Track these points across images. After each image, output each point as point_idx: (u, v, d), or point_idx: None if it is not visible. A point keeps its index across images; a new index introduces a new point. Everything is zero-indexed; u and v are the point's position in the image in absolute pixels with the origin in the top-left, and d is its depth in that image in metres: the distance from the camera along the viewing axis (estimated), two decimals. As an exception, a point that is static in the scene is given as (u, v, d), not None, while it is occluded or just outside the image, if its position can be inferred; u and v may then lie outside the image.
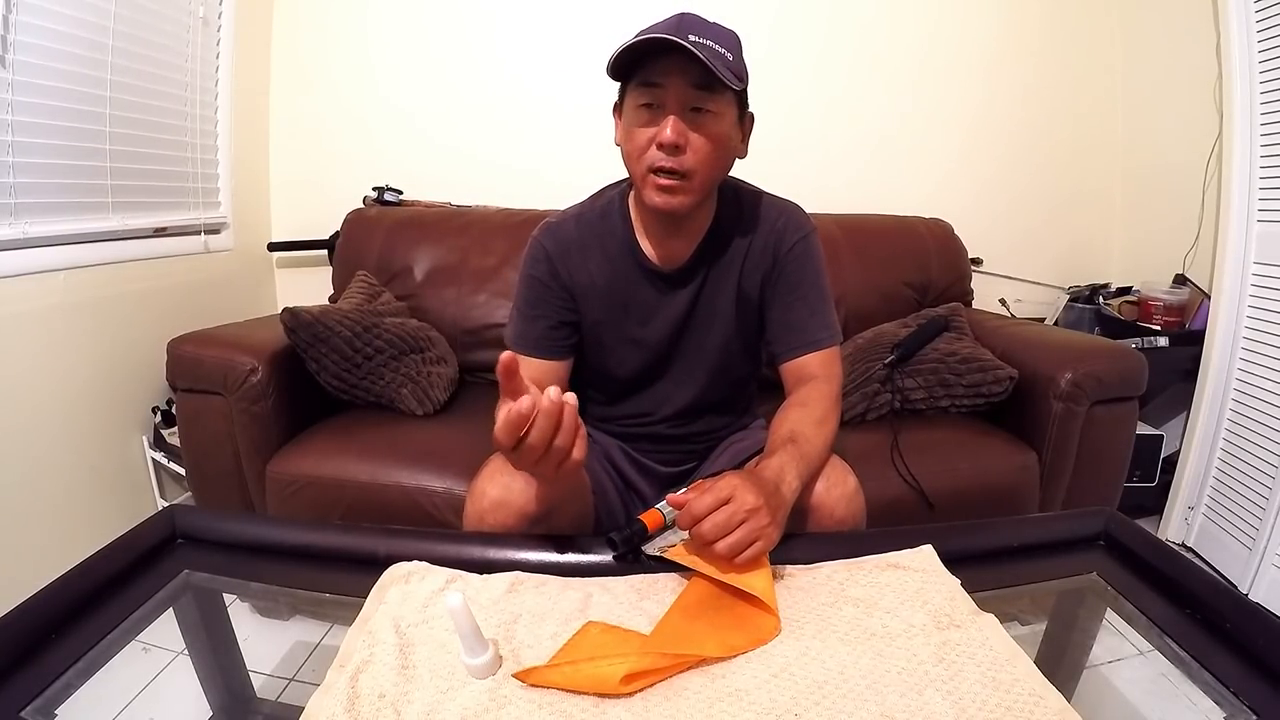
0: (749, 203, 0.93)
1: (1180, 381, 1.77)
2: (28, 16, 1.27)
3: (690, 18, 0.76)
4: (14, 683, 0.54)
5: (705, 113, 0.77)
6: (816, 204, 1.89)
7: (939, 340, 1.51)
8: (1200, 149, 1.73)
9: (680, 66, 0.74)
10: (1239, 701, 0.55)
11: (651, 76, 0.76)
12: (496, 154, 2.05)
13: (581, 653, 0.55)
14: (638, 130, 0.79)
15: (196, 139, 1.77)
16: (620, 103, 0.84)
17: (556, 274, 0.91)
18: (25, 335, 1.31)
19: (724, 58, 0.75)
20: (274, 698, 0.84)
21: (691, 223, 0.89)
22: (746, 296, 0.93)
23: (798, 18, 2.03)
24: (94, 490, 1.47)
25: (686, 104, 0.76)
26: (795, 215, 0.93)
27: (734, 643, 0.57)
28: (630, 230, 0.91)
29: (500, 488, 0.77)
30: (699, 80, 0.74)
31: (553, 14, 2.00)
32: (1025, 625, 0.77)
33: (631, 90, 0.80)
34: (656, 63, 0.75)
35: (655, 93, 0.77)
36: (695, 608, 0.62)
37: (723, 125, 0.79)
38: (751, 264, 0.91)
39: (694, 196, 0.81)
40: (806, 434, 0.79)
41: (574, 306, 0.92)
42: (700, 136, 0.77)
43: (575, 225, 0.93)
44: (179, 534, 0.76)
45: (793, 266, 0.90)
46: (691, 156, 0.77)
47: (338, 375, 1.37)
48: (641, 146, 0.79)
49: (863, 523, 0.83)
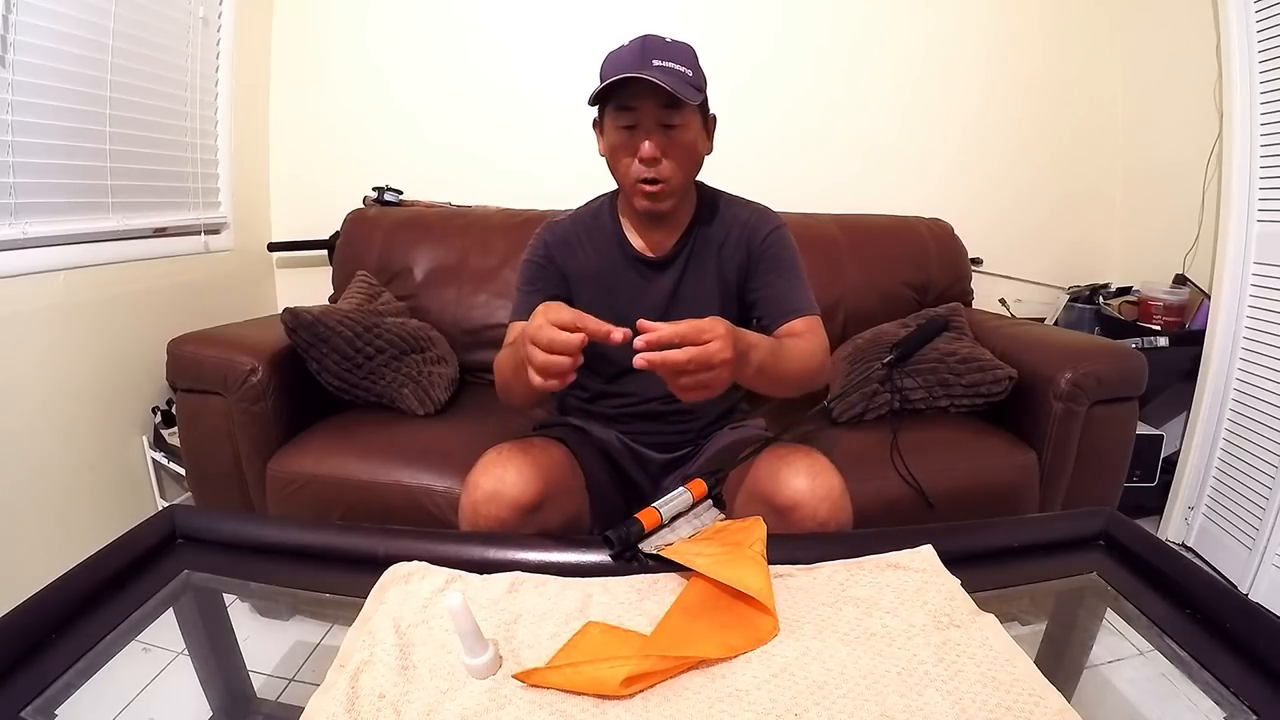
0: (725, 204, 1.06)
1: (1180, 381, 1.77)
2: (28, 16, 1.27)
3: (651, 41, 0.87)
4: (14, 683, 0.54)
5: (675, 127, 0.89)
6: (816, 204, 1.92)
7: (938, 340, 1.51)
8: (1200, 149, 1.73)
9: (649, 90, 0.85)
10: (1239, 701, 0.55)
11: (625, 101, 0.88)
12: (496, 154, 2.05)
13: (581, 654, 0.55)
14: (621, 148, 0.92)
15: (196, 139, 1.77)
16: (600, 121, 0.96)
17: (553, 259, 1.03)
18: (25, 335, 1.31)
19: (684, 76, 0.87)
20: (274, 698, 0.84)
21: (673, 217, 1.01)
22: (725, 281, 1.03)
23: (799, 19, 2.03)
24: (94, 490, 1.47)
25: (658, 122, 0.88)
26: (765, 213, 1.06)
27: (733, 643, 0.57)
28: (619, 226, 1.03)
29: (494, 480, 0.80)
30: (666, 102, 0.86)
31: (553, 14, 2.00)
32: (1025, 625, 0.77)
33: (610, 113, 0.92)
34: (628, 89, 0.86)
35: (631, 115, 0.89)
36: (695, 608, 0.62)
37: (690, 134, 0.91)
38: (728, 253, 1.02)
39: (674, 197, 0.95)
40: (788, 343, 0.90)
41: (568, 289, 1.03)
42: (673, 147, 0.90)
43: (571, 223, 1.05)
44: (179, 534, 0.76)
45: (770, 253, 1.01)
46: (668, 165, 0.90)
47: (338, 375, 1.37)
48: (625, 163, 0.92)
49: (847, 525, 0.82)
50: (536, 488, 0.80)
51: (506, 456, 0.82)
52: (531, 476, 0.80)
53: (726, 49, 2.03)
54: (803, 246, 1.06)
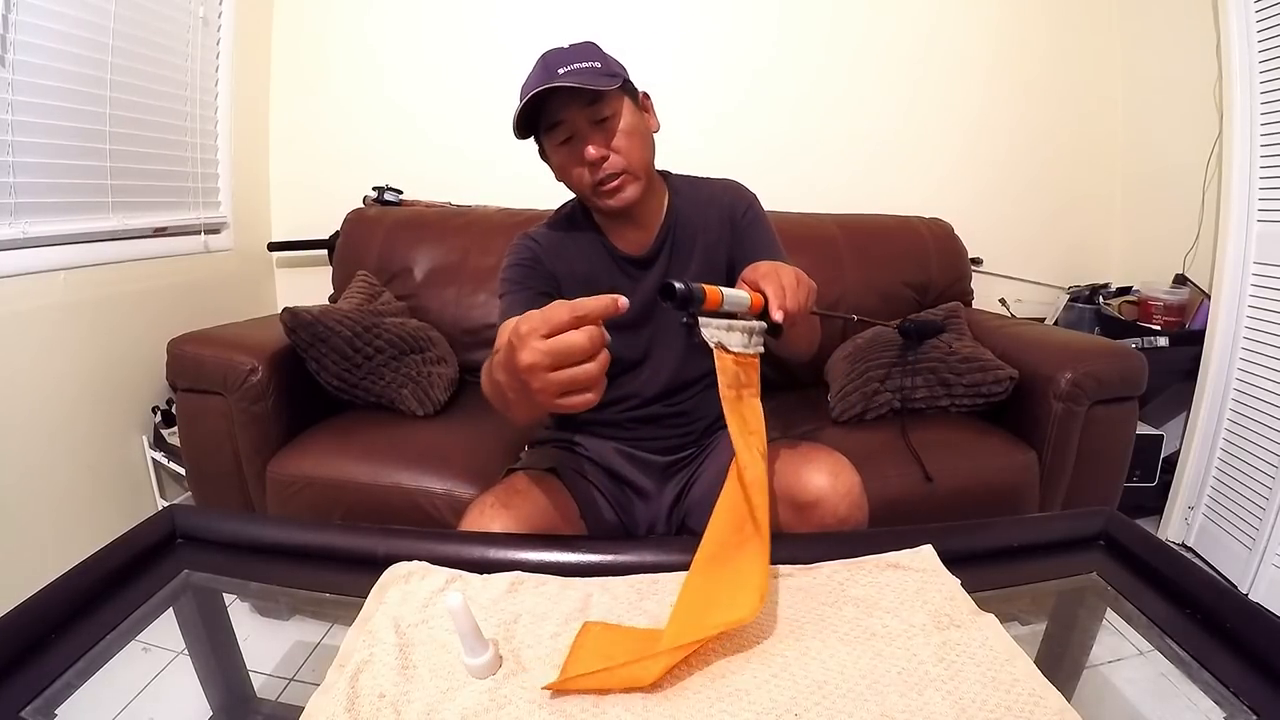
0: (694, 187, 1.06)
1: (1180, 381, 1.77)
2: (28, 16, 1.27)
3: (551, 55, 0.89)
4: (14, 683, 0.54)
5: (606, 120, 0.89)
6: (816, 204, 1.92)
7: (939, 339, 1.51)
8: (1200, 149, 1.73)
9: (566, 97, 0.86)
10: (1239, 701, 0.55)
11: (551, 118, 0.89)
12: (497, 154, 2.05)
13: (591, 653, 0.55)
14: (567, 163, 0.92)
15: (196, 139, 1.77)
16: (541, 150, 0.97)
17: (541, 260, 1.00)
18: (25, 335, 1.31)
19: (594, 70, 0.87)
20: (274, 698, 0.84)
21: (647, 213, 1.00)
22: (713, 264, 1.01)
23: (800, 20, 2.03)
24: (94, 490, 1.47)
25: (589, 121, 0.89)
26: (737, 187, 1.07)
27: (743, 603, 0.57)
28: (597, 229, 1.02)
29: (497, 524, 0.80)
30: (588, 100, 0.87)
31: (552, 14, 2.00)
32: (1025, 625, 0.76)
33: (545, 136, 0.93)
34: (548, 105, 0.87)
35: (563, 129, 0.89)
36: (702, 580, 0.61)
37: (626, 119, 0.90)
38: (711, 236, 1.02)
39: (637, 184, 0.92)
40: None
41: (559, 289, 1.00)
42: (614, 137, 0.90)
43: (549, 229, 1.05)
44: (179, 534, 0.76)
45: (750, 229, 1.02)
46: (616, 158, 0.90)
47: (338, 375, 1.37)
48: (577, 175, 0.92)
49: (865, 522, 0.85)
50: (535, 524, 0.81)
51: (490, 515, 0.81)
52: (529, 507, 0.83)
53: (729, 51, 2.04)
54: (803, 246, 1.07)
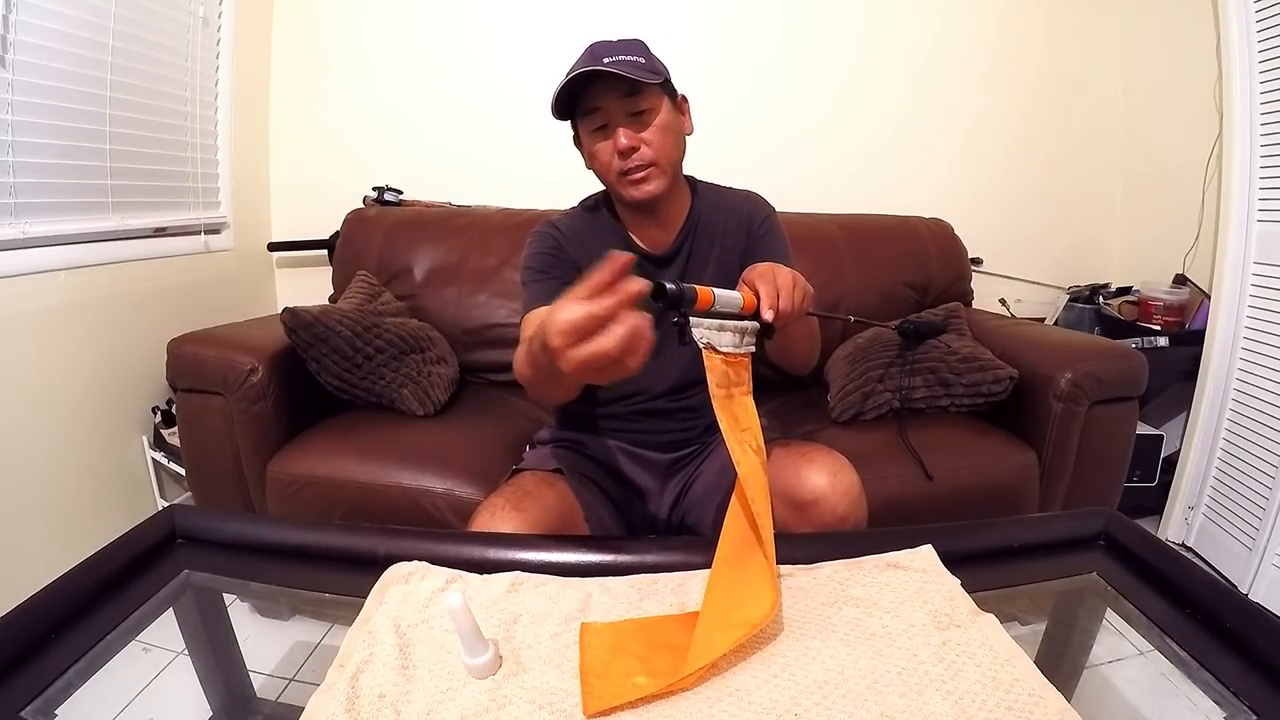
0: (717, 194, 1.08)
1: (1180, 381, 1.77)
2: (28, 16, 1.27)
3: (598, 46, 0.89)
4: (14, 683, 0.54)
5: (643, 112, 0.90)
6: (816, 204, 1.92)
7: (938, 339, 1.51)
8: (1200, 149, 1.73)
9: (608, 84, 0.87)
10: (1239, 701, 0.55)
11: (589, 104, 0.90)
12: (496, 154, 2.05)
13: (604, 655, 0.55)
14: (598, 149, 0.93)
15: (196, 139, 1.77)
16: (576, 135, 0.98)
17: (564, 250, 1.02)
18: (25, 335, 1.31)
19: (637, 64, 0.87)
20: (274, 698, 0.84)
21: (669, 212, 1.01)
22: (728, 269, 1.01)
23: (800, 19, 2.03)
24: (94, 490, 1.47)
25: (626, 112, 0.90)
26: (757, 198, 1.09)
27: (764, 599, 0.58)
28: (620, 223, 1.04)
29: (507, 525, 0.80)
30: (627, 90, 0.88)
31: (552, 14, 2.01)
32: (1025, 625, 0.76)
33: (580, 121, 0.94)
34: (588, 91, 0.88)
35: (599, 115, 0.90)
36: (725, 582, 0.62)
37: (661, 115, 0.92)
38: (730, 241, 1.04)
39: (664, 179, 0.93)
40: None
41: (580, 277, 0.97)
42: (647, 130, 0.91)
43: (572, 218, 1.06)
44: (179, 534, 0.76)
45: (764, 239, 1.04)
46: (647, 149, 0.91)
47: (338, 375, 1.37)
48: (606, 161, 0.93)
49: (864, 521, 0.85)
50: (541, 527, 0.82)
51: (501, 517, 0.82)
52: (536, 512, 0.83)
53: (729, 50, 2.04)
54: (803, 246, 1.07)
